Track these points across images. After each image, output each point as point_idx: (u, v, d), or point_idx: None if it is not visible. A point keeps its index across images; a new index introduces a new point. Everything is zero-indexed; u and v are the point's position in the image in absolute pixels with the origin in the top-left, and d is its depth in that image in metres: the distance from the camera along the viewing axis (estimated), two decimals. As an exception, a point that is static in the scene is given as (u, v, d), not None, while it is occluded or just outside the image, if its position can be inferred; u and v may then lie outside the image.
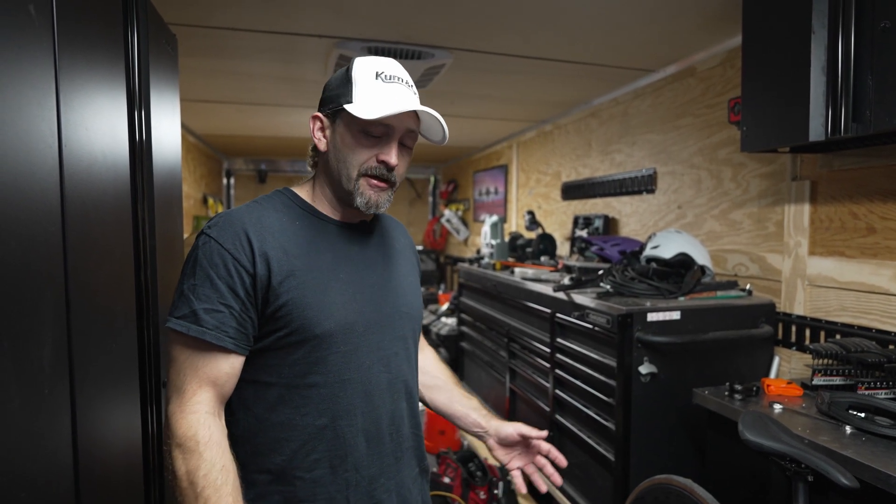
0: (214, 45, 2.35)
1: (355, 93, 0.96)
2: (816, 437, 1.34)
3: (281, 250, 0.94)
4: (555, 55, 2.48)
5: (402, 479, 1.06)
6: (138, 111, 1.29)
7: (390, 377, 1.03)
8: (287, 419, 0.95)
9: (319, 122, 1.01)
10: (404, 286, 1.10)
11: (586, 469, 2.17)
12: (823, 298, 1.89)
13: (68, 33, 0.89)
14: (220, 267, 0.90)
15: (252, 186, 6.88)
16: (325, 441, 0.96)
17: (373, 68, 0.98)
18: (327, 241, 1.00)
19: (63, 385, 0.86)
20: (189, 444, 0.85)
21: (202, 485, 0.83)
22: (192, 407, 0.88)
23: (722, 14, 1.98)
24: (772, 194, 2.11)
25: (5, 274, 0.70)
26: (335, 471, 0.96)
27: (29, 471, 0.75)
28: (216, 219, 0.95)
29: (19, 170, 0.74)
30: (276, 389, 0.95)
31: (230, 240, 0.92)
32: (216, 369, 0.91)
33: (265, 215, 0.97)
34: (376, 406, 1.00)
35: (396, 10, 2.00)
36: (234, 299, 0.90)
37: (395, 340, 1.04)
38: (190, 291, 0.90)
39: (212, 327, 0.89)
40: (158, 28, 1.46)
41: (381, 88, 0.96)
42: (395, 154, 0.97)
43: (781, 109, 1.62)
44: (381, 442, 1.01)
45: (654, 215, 2.83)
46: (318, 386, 0.95)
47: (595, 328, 2.02)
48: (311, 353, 0.94)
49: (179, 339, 0.90)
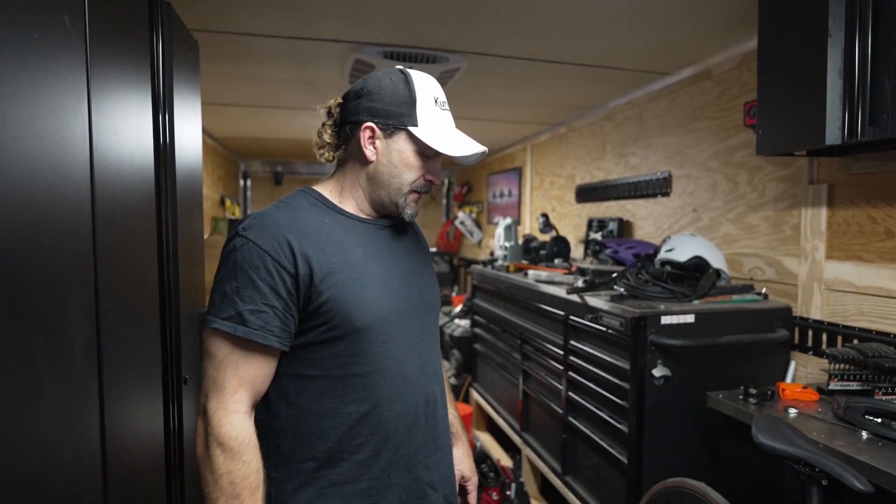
0: (233, 50, 2.40)
1: (419, 116, 1.03)
2: (832, 441, 1.33)
3: (318, 249, 0.98)
4: (570, 58, 2.49)
5: (438, 456, 1.13)
6: (162, 115, 1.33)
7: (422, 363, 1.09)
8: (332, 408, 1.00)
9: (371, 132, 1.03)
10: (424, 276, 1.16)
11: (599, 471, 2.17)
12: (841, 303, 1.88)
13: (99, 42, 0.92)
14: (260, 269, 0.94)
15: (268, 188, 6.97)
16: (368, 426, 1.01)
17: (430, 93, 1.05)
18: (356, 237, 1.05)
19: (92, 379, 0.89)
20: (231, 445, 0.91)
21: (241, 485, 0.90)
22: (234, 406, 0.93)
23: (738, 17, 1.98)
24: (788, 198, 2.10)
25: (40, 271, 0.74)
26: (378, 452, 1.03)
27: (62, 460, 0.79)
28: (251, 220, 0.98)
29: (56, 172, 0.77)
30: (319, 381, 1.00)
31: (268, 242, 0.95)
32: (255, 369, 0.95)
33: (298, 216, 1.01)
34: (412, 391, 1.07)
35: (412, 14, 2.03)
36: (277, 299, 0.94)
37: (422, 328, 1.11)
38: (234, 293, 0.93)
39: (257, 327, 0.92)
40: (182, 35, 1.51)
41: (439, 116, 1.05)
42: (438, 174, 1.09)
43: (798, 113, 1.62)
44: (417, 423, 1.08)
45: (669, 218, 2.82)
46: (360, 375, 1.01)
47: (609, 331, 2.02)
48: (353, 345, 0.99)
49: (223, 338, 0.93)
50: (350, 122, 1.05)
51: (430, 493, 1.11)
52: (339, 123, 1.08)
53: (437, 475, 1.12)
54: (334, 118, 1.09)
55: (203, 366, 0.96)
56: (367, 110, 1.03)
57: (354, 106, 1.04)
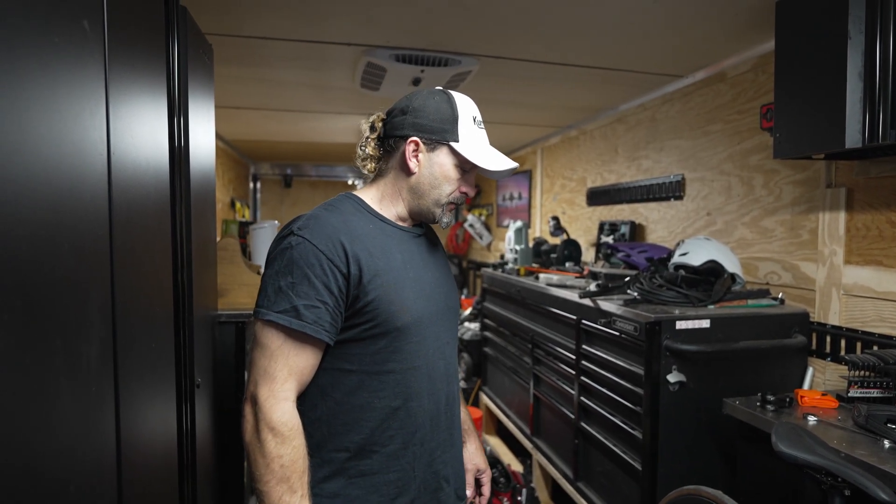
0: (246, 53, 2.41)
1: (461, 133, 1.11)
2: (853, 450, 1.31)
3: (367, 252, 1.05)
4: (582, 61, 2.48)
5: (453, 451, 1.20)
6: (177, 119, 1.34)
7: (445, 363, 1.17)
8: (366, 402, 1.06)
9: (415, 146, 1.11)
10: (448, 283, 1.24)
11: (612, 477, 2.15)
12: (860, 308, 1.84)
13: (117, 46, 0.92)
14: (315, 266, 1.00)
15: (277, 191, 7.00)
16: (398, 420, 1.08)
17: (469, 112, 1.13)
18: (396, 243, 1.13)
19: (108, 382, 0.89)
20: (283, 430, 0.97)
21: (291, 469, 0.97)
22: (284, 394, 0.99)
23: (753, 19, 1.95)
24: (805, 201, 2.07)
25: (59, 274, 0.73)
26: (406, 446, 1.09)
27: (77, 463, 0.78)
28: (305, 221, 1.05)
29: (74, 175, 0.77)
30: (355, 376, 1.06)
31: (324, 242, 1.02)
32: (304, 360, 1.02)
33: (347, 220, 1.08)
34: (437, 389, 1.14)
35: (424, 17, 2.03)
36: (329, 296, 1.01)
37: (446, 331, 1.19)
38: (289, 288, 1.00)
39: (311, 321, 0.99)
40: (197, 39, 1.51)
41: (477, 133, 1.13)
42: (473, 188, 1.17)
43: (816, 116, 1.59)
44: (439, 419, 1.15)
45: (682, 222, 2.79)
46: (395, 372, 1.07)
47: (622, 335, 2.00)
48: (391, 343, 1.06)
49: (277, 330, 1.00)
50: (394, 136, 1.13)
51: (445, 486, 1.17)
52: (383, 137, 1.16)
53: (452, 470, 1.20)
54: (378, 132, 1.16)
55: (253, 355, 1.02)
56: (413, 126, 1.11)
57: (400, 121, 1.12)
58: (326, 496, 1.05)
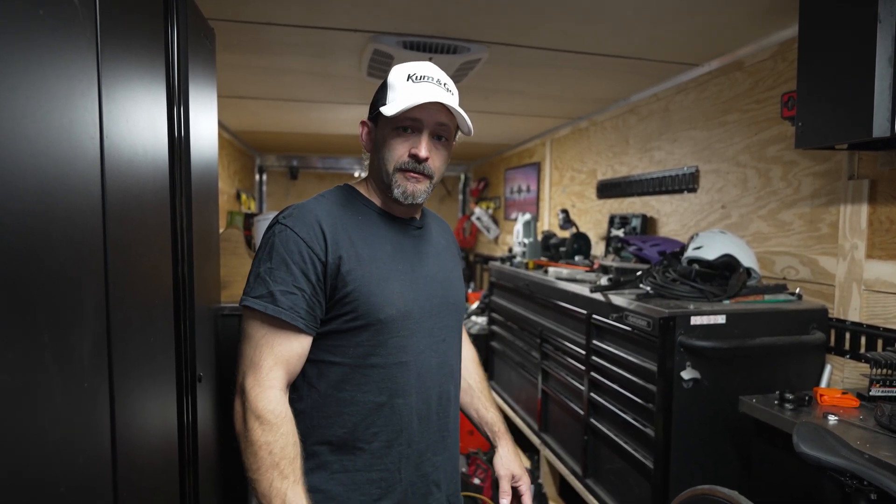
0: (249, 40, 2.36)
1: (389, 96, 1.06)
2: (877, 451, 1.26)
3: (349, 241, 1.04)
4: (594, 49, 2.41)
5: (445, 455, 1.16)
6: (177, 106, 1.29)
7: (439, 361, 1.13)
8: (349, 396, 1.05)
9: (366, 128, 1.13)
10: (451, 279, 1.20)
11: (622, 475, 2.10)
12: (882, 305, 1.78)
13: (110, 25, 0.88)
14: (294, 253, 1.00)
15: (283, 182, 6.97)
16: (382, 416, 1.05)
17: (405, 71, 1.06)
18: (386, 234, 1.10)
19: (102, 379, 0.85)
20: (269, 418, 0.95)
21: (280, 455, 0.95)
22: (269, 382, 0.98)
23: (773, 5, 1.88)
24: (825, 194, 2.00)
25: (48, 266, 0.69)
26: (391, 445, 1.06)
27: (69, 465, 0.75)
28: (291, 210, 1.06)
29: (63, 160, 0.73)
30: (340, 369, 1.04)
31: (305, 230, 1.01)
32: (289, 349, 1.00)
33: (334, 209, 1.07)
34: (427, 387, 1.10)
35: (432, 3, 1.97)
36: (307, 283, 1.00)
37: (443, 328, 1.14)
38: (267, 274, 0.99)
39: (286, 307, 0.98)
40: (198, 21, 1.46)
41: (410, 88, 1.04)
42: (425, 147, 1.05)
43: (842, 104, 1.53)
44: (429, 420, 1.11)
45: (696, 215, 2.73)
46: (379, 366, 1.05)
47: (635, 331, 1.95)
48: (374, 336, 1.04)
49: (257, 317, 1.00)
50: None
51: (435, 491, 1.13)
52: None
53: (444, 474, 1.15)
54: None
55: (241, 346, 1.02)
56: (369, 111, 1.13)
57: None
58: (307, 489, 1.01)
